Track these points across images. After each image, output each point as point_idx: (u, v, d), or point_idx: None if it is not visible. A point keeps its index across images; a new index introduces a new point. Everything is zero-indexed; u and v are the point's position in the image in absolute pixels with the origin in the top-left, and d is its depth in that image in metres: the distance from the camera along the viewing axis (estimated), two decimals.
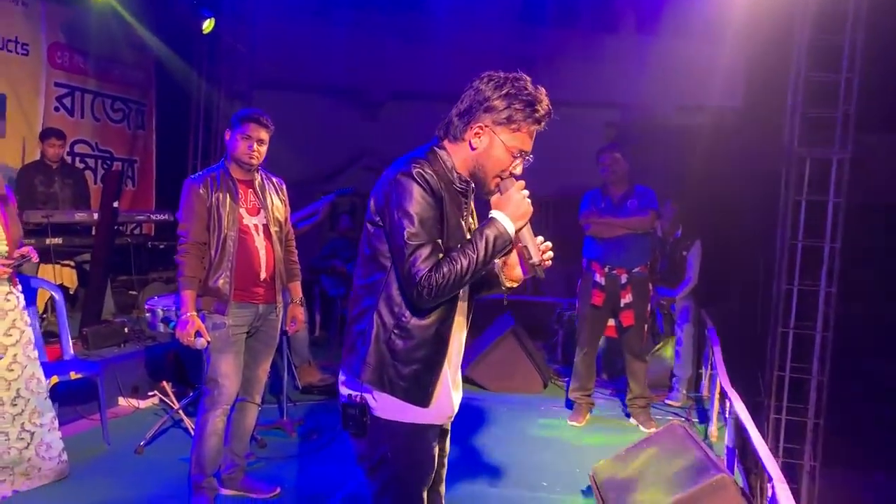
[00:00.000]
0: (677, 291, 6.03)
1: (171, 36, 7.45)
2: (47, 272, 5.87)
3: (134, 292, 6.40)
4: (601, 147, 5.53)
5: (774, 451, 6.01)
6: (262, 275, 3.70)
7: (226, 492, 3.88)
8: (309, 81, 8.57)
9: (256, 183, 3.78)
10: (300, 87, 8.57)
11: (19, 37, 6.27)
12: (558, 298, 7.45)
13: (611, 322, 5.45)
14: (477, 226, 2.21)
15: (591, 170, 5.44)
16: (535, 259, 2.13)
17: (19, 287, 3.88)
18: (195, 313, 3.54)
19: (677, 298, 6.06)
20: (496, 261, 2.35)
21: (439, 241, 2.06)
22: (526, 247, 2.15)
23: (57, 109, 6.73)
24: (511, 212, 2.10)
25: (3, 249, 3.71)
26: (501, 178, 2.15)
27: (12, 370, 3.79)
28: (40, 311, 5.55)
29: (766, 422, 6.05)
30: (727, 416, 4.15)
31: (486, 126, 2.12)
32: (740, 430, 3.85)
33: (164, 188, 8.09)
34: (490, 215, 2.11)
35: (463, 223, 2.20)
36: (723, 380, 4.53)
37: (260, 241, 3.71)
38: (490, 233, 2.06)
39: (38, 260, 3.88)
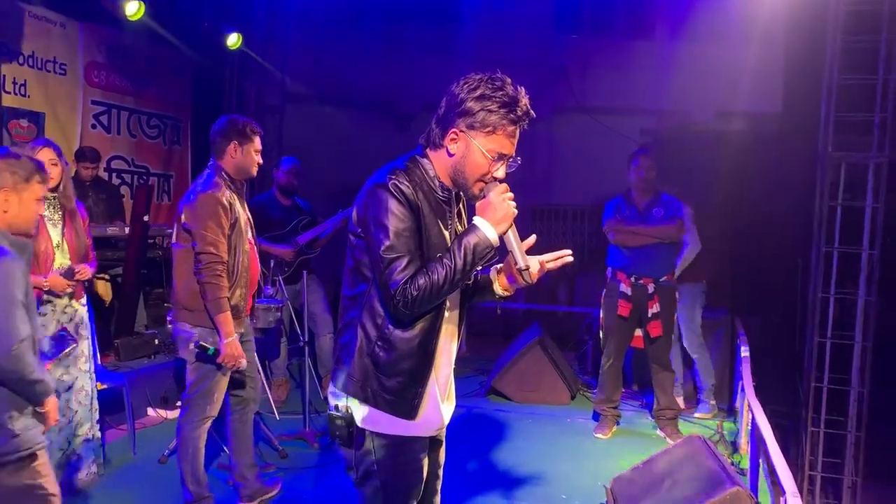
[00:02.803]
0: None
1: (203, 53, 7.60)
2: None
3: (168, 305, 6.52)
4: (634, 150, 5.43)
5: (813, 464, 5.83)
6: (255, 286, 3.78)
7: None
8: (340, 95, 8.66)
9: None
10: (332, 101, 8.66)
11: (57, 57, 6.45)
12: (588, 308, 7.35)
13: (637, 332, 5.35)
14: None
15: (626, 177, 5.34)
16: (521, 264, 2.09)
17: (83, 300, 3.97)
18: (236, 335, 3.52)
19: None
20: (493, 267, 2.32)
21: (417, 252, 2.04)
22: (511, 252, 2.11)
23: (94, 127, 6.91)
24: (491, 216, 2.05)
25: (66, 262, 3.81)
26: (485, 183, 2.11)
27: (63, 381, 3.89)
28: None
29: (804, 434, 5.88)
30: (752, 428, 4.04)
31: (461, 131, 2.07)
32: (763, 443, 3.74)
33: None
34: (472, 222, 2.08)
35: (447, 232, 2.16)
36: (748, 391, 4.42)
37: (254, 253, 3.76)
38: (470, 240, 2.02)
39: (90, 275, 3.94)
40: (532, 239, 2.21)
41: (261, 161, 3.66)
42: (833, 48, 5.64)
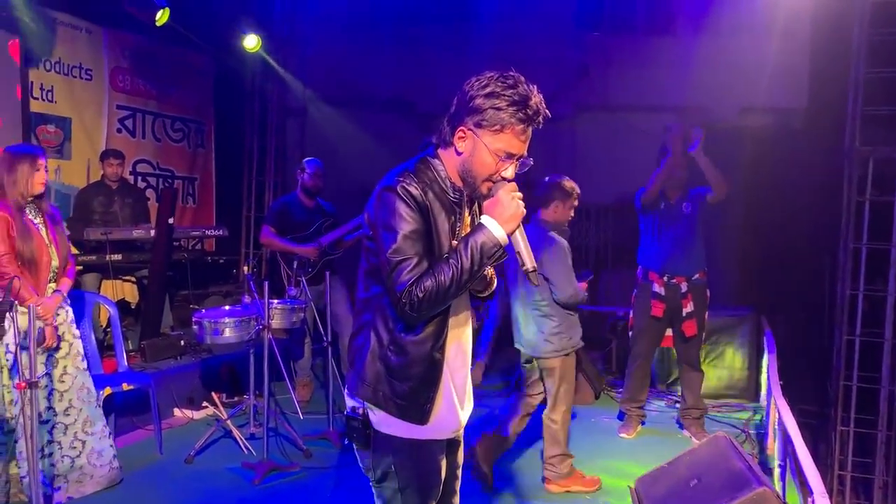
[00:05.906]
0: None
1: (225, 57, 7.67)
2: (108, 288, 6.11)
3: (194, 306, 6.58)
4: (666, 147, 5.34)
5: (843, 464, 5.74)
6: None
7: None
8: (362, 97, 8.65)
9: None
10: (353, 103, 8.65)
11: (83, 62, 6.56)
12: (612, 307, 7.29)
13: (668, 332, 5.30)
14: None
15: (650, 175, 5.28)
16: (529, 266, 2.05)
17: (68, 301, 4.07)
18: None
19: None
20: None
21: (426, 254, 2.01)
22: (519, 253, 2.06)
23: (119, 131, 7.00)
24: (499, 215, 2.00)
25: (55, 264, 3.93)
26: (493, 182, 2.06)
27: (63, 381, 3.96)
28: (103, 325, 5.77)
29: (833, 433, 5.79)
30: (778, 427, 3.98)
31: (468, 129, 2.03)
32: (790, 443, 3.69)
33: (222, 204, 8.32)
34: (479, 221, 2.04)
35: (460, 234, 2.14)
36: (775, 389, 4.36)
37: None
38: (477, 239, 1.98)
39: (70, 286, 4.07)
40: None
41: None
42: (859, 41, 5.56)
